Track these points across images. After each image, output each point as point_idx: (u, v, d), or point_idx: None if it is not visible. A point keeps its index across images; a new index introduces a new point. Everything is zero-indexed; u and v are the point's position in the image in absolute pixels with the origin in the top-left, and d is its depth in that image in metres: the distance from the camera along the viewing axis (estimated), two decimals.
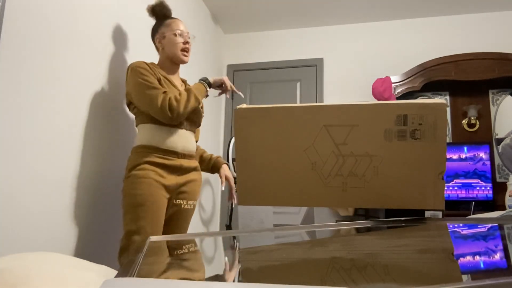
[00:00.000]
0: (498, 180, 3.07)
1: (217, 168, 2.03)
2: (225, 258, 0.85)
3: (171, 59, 1.86)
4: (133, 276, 0.53)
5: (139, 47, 2.17)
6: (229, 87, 1.94)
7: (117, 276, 0.55)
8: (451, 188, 3.05)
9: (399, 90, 3.14)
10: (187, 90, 1.74)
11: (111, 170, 1.91)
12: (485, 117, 3.19)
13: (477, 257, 0.65)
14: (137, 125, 1.78)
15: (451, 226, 0.99)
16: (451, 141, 3.20)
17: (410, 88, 3.13)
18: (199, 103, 1.78)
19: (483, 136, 3.17)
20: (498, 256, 0.66)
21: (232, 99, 3.79)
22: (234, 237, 1.05)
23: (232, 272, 0.69)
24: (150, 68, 1.73)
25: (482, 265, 0.60)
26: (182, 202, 1.78)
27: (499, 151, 3.11)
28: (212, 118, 3.48)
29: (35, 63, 1.50)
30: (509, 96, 3.19)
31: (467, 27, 3.36)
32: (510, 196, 1.73)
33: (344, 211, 1.36)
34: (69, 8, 1.69)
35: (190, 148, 1.82)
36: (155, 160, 1.68)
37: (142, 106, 1.70)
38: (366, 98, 3.25)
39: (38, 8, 1.52)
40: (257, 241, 0.96)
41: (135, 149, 1.73)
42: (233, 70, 3.83)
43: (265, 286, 0.41)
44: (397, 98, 3.11)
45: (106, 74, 1.91)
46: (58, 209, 1.60)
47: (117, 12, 2.03)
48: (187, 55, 1.87)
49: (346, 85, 3.53)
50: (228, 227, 3.26)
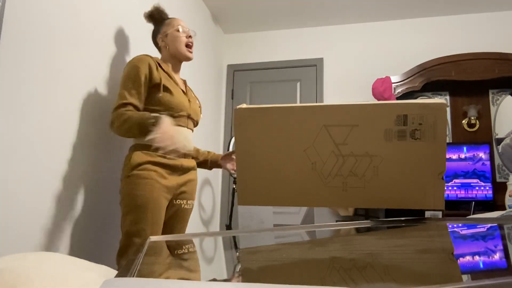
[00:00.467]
0: (498, 180, 3.07)
1: (216, 162, 1.99)
2: (225, 258, 0.85)
3: (175, 56, 1.84)
4: (133, 276, 0.53)
5: (139, 46, 2.17)
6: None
7: (117, 276, 0.55)
8: (450, 188, 3.05)
9: (399, 90, 3.14)
10: (131, 119, 1.59)
11: (110, 170, 1.91)
12: (485, 117, 3.19)
13: (477, 257, 0.65)
14: None
15: (451, 226, 0.99)
16: (451, 141, 3.20)
17: (410, 88, 3.13)
18: (139, 134, 1.60)
19: (483, 136, 3.17)
20: (498, 256, 0.66)
21: (232, 99, 3.79)
22: (234, 237, 1.05)
23: (232, 272, 0.69)
24: (151, 65, 1.69)
25: (482, 265, 0.60)
26: (182, 202, 1.78)
27: (499, 151, 3.11)
28: (212, 118, 3.48)
29: (34, 63, 1.50)
30: (509, 96, 3.19)
31: (467, 27, 3.36)
32: (510, 196, 1.72)
33: (344, 211, 1.36)
34: (66, 8, 1.69)
35: (190, 147, 1.81)
36: (158, 160, 1.66)
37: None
38: (366, 98, 3.25)
39: (38, 8, 1.52)
40: (257, 241, 0.96)
41: (135, 147, 1.68)
42: (233, 70, 3.83)
43: (265, 286, 0.41)
44: (397, 98, 3.11)
45: (104, 73, 1.91)
46: (55, 209, 1.60)
47: (116, 12, 2.03)
48: (191, 51, 1.86)
49: (346, 85, 3.53)
50: (228, 227, 3.26)
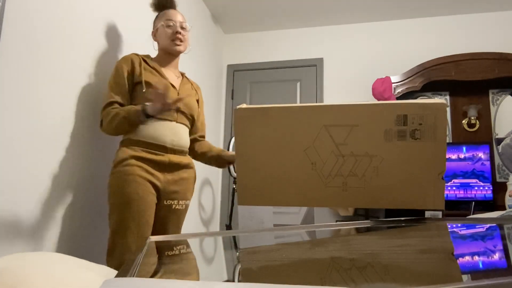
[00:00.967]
0: (498, 180, 3.07)
1: (226, 160, 1.88)
2: (225, 258, 0.85)
3: (165, 51, 1.80)
4: (133, 276, 0.53)
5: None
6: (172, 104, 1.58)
7: (117, 276, 0.55)
8: (449, 188, 3.05)
9: (399, 90, 3.14)
10: (120, 112, 1.59)
11: (107, 167, 1.88)
12: (485, 117, 3.19)
13: (477, 257, 0.65)
14: None
15: (451, 226, 0.99)
16: (451, 141, 3.20)
17: (410, 88, 3.13)
18: (128, 127, 1.60)
19: (483, 136, 3.17)
20: (498, 256, 0.66)
21: (232, 99, 3.79)
22: (234, 237, 1.05)
23: (232, 272, 0.69)
24: (133, 63, 1.68)
25: (482, 265, 0.60)
26: (173, 203, 1.69)
27: (499, 151, 3.11)
28: (212, 118, 3.48)
29: (31, 61, 1.50)
30: (509, 96, 3.19)
31: (467, 27, 3.36)
32: (510, 196, 1.72)
33: (344, 211, 1.36)
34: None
35: (182, 143, 1.71)
36: (141, 155, 1.60)
37: None
38: (366, 98, 3.25)
39: (37, 8, 1.52)
40: (257, 241, 0.96)
41: (122, 143, 1.67)
42: (233, 70, 3.83)
43: (265, 286, 0.41)
44: (397, 98, 3.11)
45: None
46: (51, 209, 1.59)
47: (111, 11, 2.00)
48: (180, 44, 1.78)
49: (346, 85, 3.53)
50: (228, 227, 3.26)
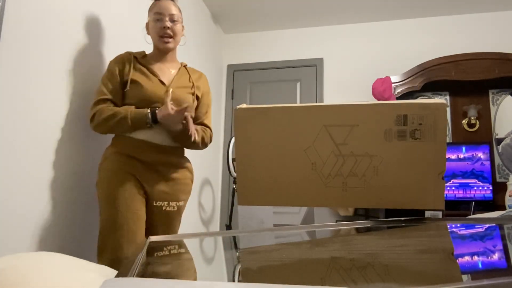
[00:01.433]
0: (498, 180, 3.07)
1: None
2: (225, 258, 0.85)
3: (156, 47, 1.71)
4: (133, 276, 0.53)
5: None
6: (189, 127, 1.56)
7: (117, 276, 0.56)
8: (449, 188, 3.05)
9: (399, 90, 3.14)
10: (121, 111, 1.54)
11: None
12: (485, 117, 3.19)
13: (477, 257, 0.65)
14: None
15: (451, 226, 0.99)
16: (451, 141, 3.20)
17: (410, 88, 3.13)
18: (129, 128, 1.54)
19: (483, 136, 3.17)
20: (498, 256, 0.66)
21: (232, 99, 3.79)
22: (234, 237, 1.05)
23: (232, 272, 0.69)
24: (124, 61, 1.64)
25: (482, 265, 0.60)
26: (163, 204, 1.61)
27: (499, 151, 3.11)
28: (212, 118, 3.47)
29: (29, 61, 1.50)
30: (509, 96, 3.19)
31: (467, 27, 3.36)
32: (510, 196, 1.72)
33: (344, 211, 1.36)
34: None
35: (171, 143, 1.63)
36: (129, 153, 1.56)
37: None
38: (366, 98, 3.25)
39: (37, 8, 1.52)
40: (257, 241, 0.96)
41: (112, 140, 1.64)
42: (233, 70, 3.83)
43: (265, 286, 0.41)
44: (397, 98, 3.11)
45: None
46: (52, 209, 1.59)
47: (108, 10, 1.97)
48: (168, 41, 1.67)
49: (346, 85, 3.53)
50: (228, 227, 3.26)
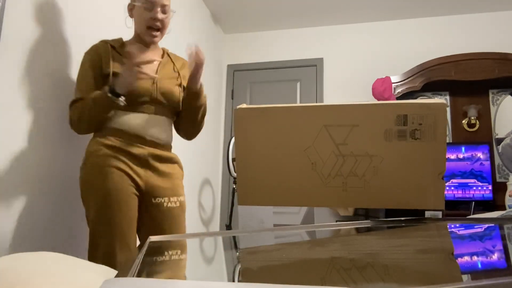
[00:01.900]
0: (498, 180, 3.07)
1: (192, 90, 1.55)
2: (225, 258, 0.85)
3: (140, 36, 1.55)
4: (133, 276, 0.53)
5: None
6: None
7: (117, 276, 0.56)
8: (448, 188, 3.05)
9: (399, 90, 3.14)
10: (85, 102, 1.42)
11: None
12: (485, 117, 3.19)
13: (477, 257, 0.65)
14: None
15: (451, 226, 0.99)
16: (451, 141, 3.20)
17: (410, 88, 3.13)
18: (101, 114, 1.42)
19: (483, 136, 3.17)
20: (498, 256, 0.66)
21: (232, 99, 3.79)
22: (234, 237, 1.05)
23: (232, 272, 0.69)
24: (100, 54, 1.47)
25: (482, 265, 0.60)
26: (163, 200, 1.50)
27: (499, 151, 3.11)
28: (212, 118, 3.48)
29: (27, 61, 1.50)
30: (509, 96, 3.19)
31: (467, 27, 3.36)
32: (510, 196, 1.72)
33: (344, 211, 1.36)
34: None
35: (162, 137, 1.52)
36: (116, 145, 1.42)
37: None
38: (366, 98, 3.24)
39: (37, 8, 1.52)
40: (257, 241, 0.96)
41: (94, 133, 1.49)
42: (233, 70, 3.83)
43: (265, 286, 0.41)
44: (397, 98, 3.11)
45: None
46: (51, 209, 1.59)
47: (109, 9, 1.96)
48: (156, 34, 1.52)
49: (346, 85, 3.53)
50: (228, 227, 3.26)
